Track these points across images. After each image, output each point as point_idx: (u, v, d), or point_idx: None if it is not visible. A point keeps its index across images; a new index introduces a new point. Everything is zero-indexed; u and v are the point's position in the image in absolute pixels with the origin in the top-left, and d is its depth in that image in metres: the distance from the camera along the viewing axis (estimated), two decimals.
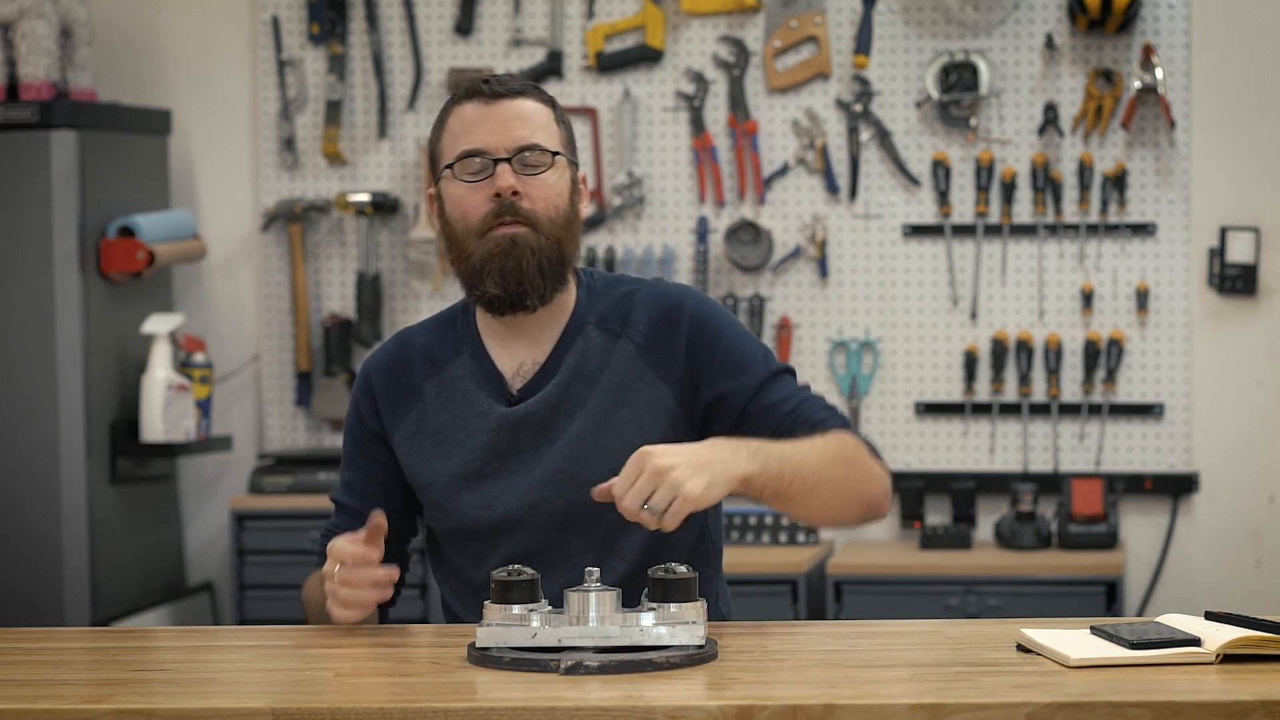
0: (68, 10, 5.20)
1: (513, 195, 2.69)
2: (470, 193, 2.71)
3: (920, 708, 2.08)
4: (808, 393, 2.74)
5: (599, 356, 2.75)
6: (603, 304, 2.78)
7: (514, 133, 2.71)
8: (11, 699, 2.20)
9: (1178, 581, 5.20)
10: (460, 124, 2.73)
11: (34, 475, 5.00)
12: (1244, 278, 5.14)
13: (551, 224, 2.71)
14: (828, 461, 2.61)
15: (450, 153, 2.73)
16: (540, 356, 2.76)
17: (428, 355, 2.80)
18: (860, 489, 2.66)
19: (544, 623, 2.34)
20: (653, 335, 2.75)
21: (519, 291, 2.70)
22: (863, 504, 2.67)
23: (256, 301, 5.53)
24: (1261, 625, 2.29)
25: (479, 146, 2.70)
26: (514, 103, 2.72)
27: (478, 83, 2.73)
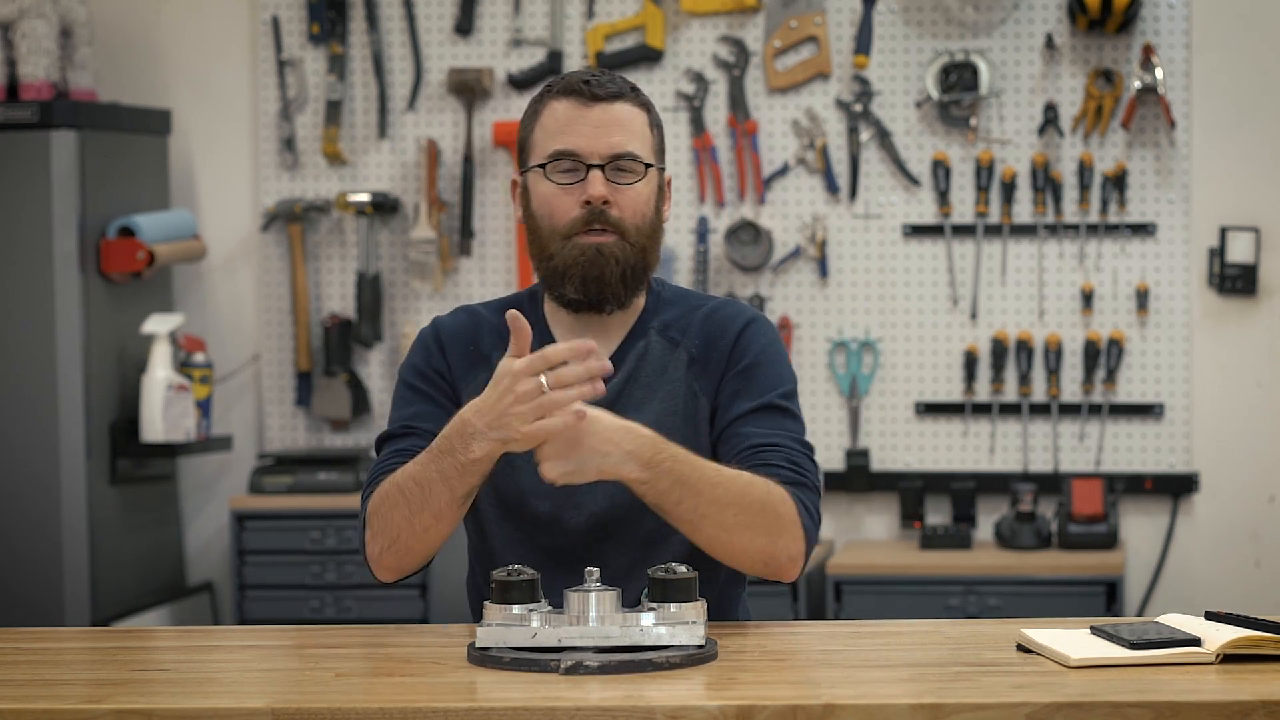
0: (68, 10, 5.20)
1: (603, 204, 2.68)
2: (559, 194, 2.70)
3: (920, 708, 2.08)
4: (789, 441, 2.69)
5: (657, 362, 2.75)
6: (668, 313, 2.79)
7: (609, 139, 2.69)
8: (11, 699, 2.20)
9: (1178, 581, 5.20)
10: (555, 121, 2.71)
11: (34, 475, 5.00)
12: (1244, 278, 5.14)
13: (638, 232, 2.71)
14: (735, 502, 2.55)
15: (542, 150, 2.72)
16: (604, 353, 2.73)
17: (497, 330, 2.77)
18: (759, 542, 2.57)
19: (544, 623, 2.34)
20: (704, 350, 2.75)
21: (599, 299, 2.71)
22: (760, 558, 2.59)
23: (256, 301, 5.53)
24: (1261, 625, 2.29)
25: (572, 149, 2.69)
26: (611, 107, 2.70)
27: (577, 81, 2.71)
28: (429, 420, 2.72)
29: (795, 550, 2.60)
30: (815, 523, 2.64)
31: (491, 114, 5.40)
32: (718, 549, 2.59)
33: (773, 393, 2.72)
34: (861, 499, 5.31)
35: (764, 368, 2.74)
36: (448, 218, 5.42)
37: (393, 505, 2.62)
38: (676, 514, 2.55)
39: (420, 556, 2.66)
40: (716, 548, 2.59)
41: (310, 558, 5.17)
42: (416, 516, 2.60)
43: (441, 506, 2.59)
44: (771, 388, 2.72)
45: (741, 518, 2.56)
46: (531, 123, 2.75)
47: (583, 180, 2.69)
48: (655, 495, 2.54)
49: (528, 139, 2.76)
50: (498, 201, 5.42)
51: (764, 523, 2.57)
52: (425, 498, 2.58)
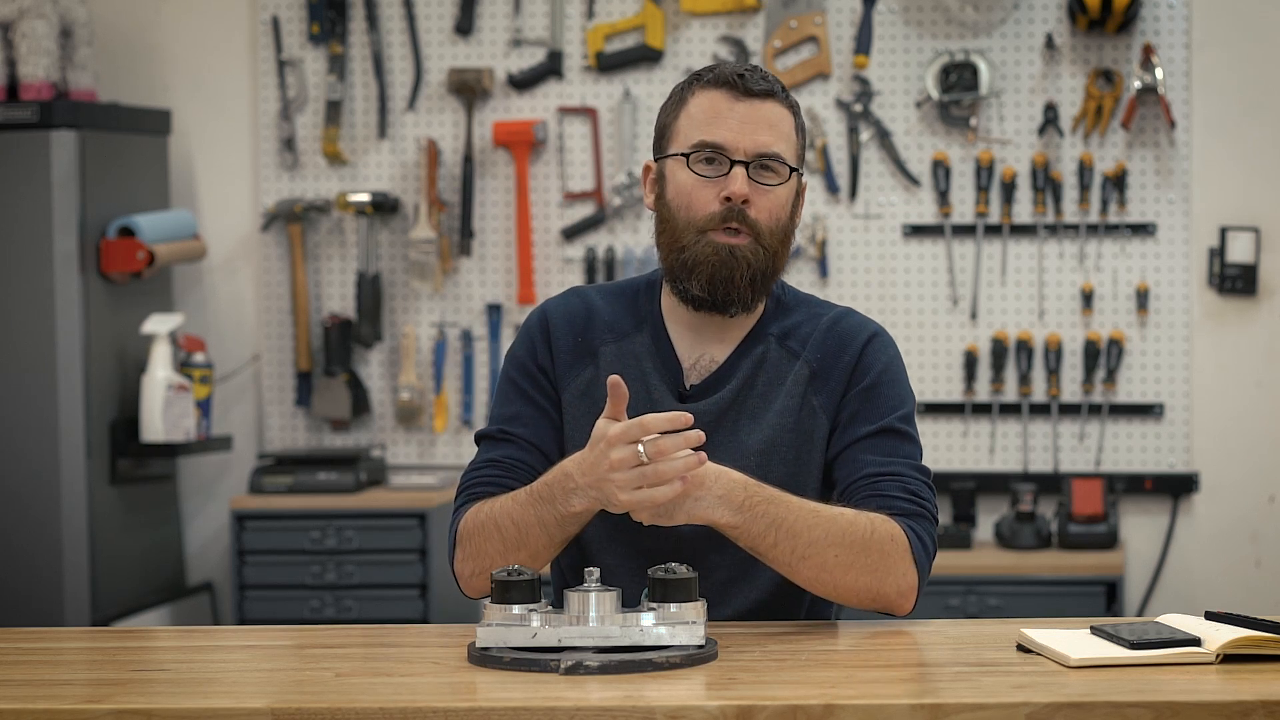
0: (68, 10, 5.20)
1: (743, 203, 2.63)
2: (699, 186, 2.65)
3: (920, 708, 2.08)
4: (906, 470, 2.66)
5: (775, 371, 2.70)
6: (788, 320, 2.74)
7: (757, 136, 2.65)
8: (11, 699, 2.20)
9: (1178, 581, 5.20)
10: (703, 111, 2.66)
11: (34, 475, 5.00)
12: (1244, 278, 5.14)
13: (772, 236, 2.66)
14: (836, 543, 2.51)
15: (685, 138, 2.67)
16: (720, 356, 2.72)
17: (610, 320, 2.74)
18: (865, 581, 2.53)
19: (544, 623, 2.34)
20: (824, 365, 2.70)
21: (725, 299, 2.66)
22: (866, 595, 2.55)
23: (256, 301, 5.53)
24: (1261, 625, 2.29)
25: (720, 142, 2.64)
26: (763, 105, 2.66)
27: (731, 73, 2.66)
28: (527, 424, 2.70)
29: (906, 585, 2.56)
30: (930, 554, 2.60)
31: (491, 114, 5.40)
32: (820, 589, 2.55)
33: (892, 415, 2.67)
34: None
35: (884, 387, 2.69)
36: (448, 218, 5.42)
37: (487, 537, 2.61)
38: (772, 556, 2.52)
39: None
40: (818, 587, 2.55)
41: (310, 558, 5.17)
42: (512, 554, 2.60)
43: (538, 549, 2.58)
44: (892, 409, 2.68)
45: (844, 557, 2.52)
46: (676, 109, 2.70)
47: (725, 175, 2.64)
48: (749, 539, 2.50)
49: (669, 125, 2.70)
50: (498, 201, 5.42)
51: (868, 562, 2.53)
52: (523, 539, 2.58)
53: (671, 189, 2.68)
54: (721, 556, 2.64)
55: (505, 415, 2.72)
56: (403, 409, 5.40)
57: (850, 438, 2.66)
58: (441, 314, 5.43)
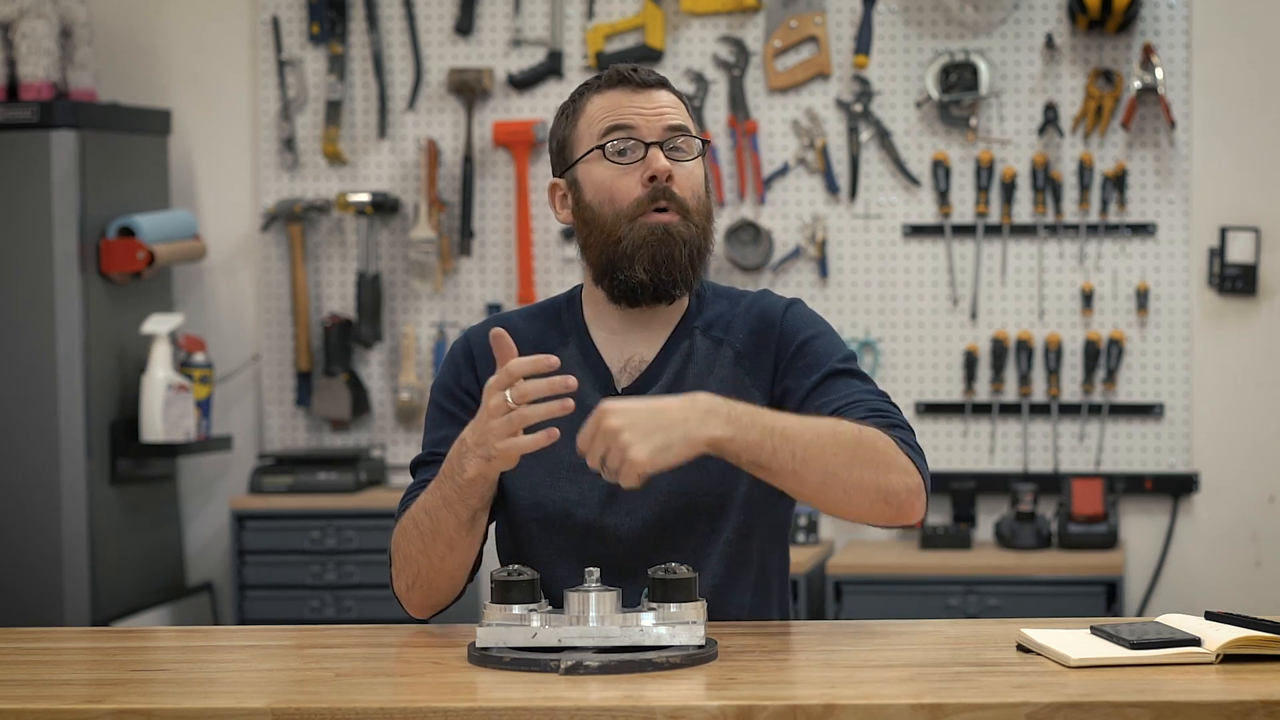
0: (68, 10, 5.20)
1: (667, 180, 2.65)
2: (620, 174, 2.66)
3: (920, 708, 2.08)
4: (864, 395, 2.64)
5: (703, 362, 2.71)
6: (710, 311, 2.75)
7: (664, 117, 2.67)
8: (11, 699, 2.20)
9: (1178, 581, 5.20)
10: (602, 110, 2.69)
11: (34, 475, 5.00)
12: (1244, 278, 5.14)
13: (698, 212, 2.68)
14: (830, 442, 2.48)
15: (589, 137, 2.69)
16: (648, 355, 2.72)
17: (533, 340, 2.72)
18: (871, 477, 2.49)
19: (544, 623, 2.34)
20: (750, 344, 2.71)
21: (668, 280, 2.66)
22: (876, 493, 2.50)
23: (256, 301, 5.53)
24: (1261, 625, 2.29)
25: (628, 123, 2.66)
26: (658, 93, 2.69)
27: (622, 70, 2.70)
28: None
29: (912, 483, 2.55)
30: (920, 455, 2.59)
31: (491, 114, 5.40)
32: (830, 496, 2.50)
33: (833, 359, 2.67)
34: None
35: (816, 340, 2.69)
36: (448, 218, 5.42)
37: (409, 539, 2.62)
38: (775, 464, 2.46)
39: (444, 591, 2.64)
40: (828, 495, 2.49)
41: (310, 558, 5.17)
42: (430, 546, 2.59)
43: (450, 533, 2.57)
44: (830, 355, 2.67)
45: (842, 455, 2.48)
46: (573, 120, 2.72)
47: (642, 159, 2.66)
48: (749, 450, 2.45)
49: (569, 136, 2.72)
50: (498, 201, 5.42)
51: (868, 456, 2.50)
52: (435, 526, 2.58)
53: (590, 190, 2.69)
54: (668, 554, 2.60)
55: (435, 439, 2.72)
56: (403, 409, 5.40)
57: (801, 392, 2.65)
58: (441, 314, 5.43)
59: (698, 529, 2.64)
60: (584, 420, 2.61)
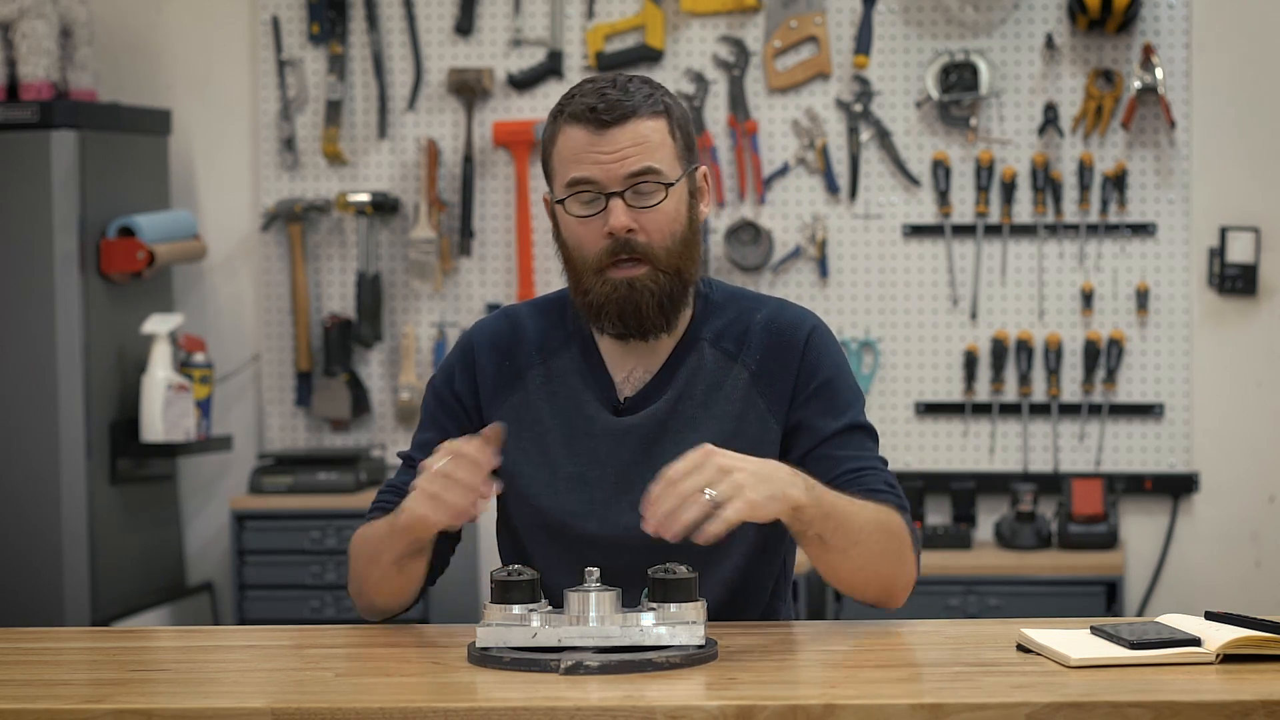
0: (68, 10, 5.20)
1: (627, 233, 2.58)
2: (583, 226, 2.60)
3: (920, 708, 2.08)
4: (877, 462, 2.64)
5: (712, 376, 2.66)
6: (720, 319, 2.69)
7: (625, 163, 2.58)
8: (11, 699, 2.20)
9: (1178, 581, 5.20)
10: (569, 149, 2.60)
11: (34, 475, 5.00)
12: (1244, 278, 5.14)
13: (669, 254, 2.61)
14: (872, 527, 2.50)
15: (560, 178, 2.62)
16: (653, 366, 2.67)
17: (538, 340, 2.71)
18: (888, 569, 2.54)
19: (544, 623, 2.34)
20: (767, 364, 2.66)
21: (639, 328, 2.62)
22: (883, 583, 2.55)
23: (256, 301, 5.53)
24: (1261, 625, 2.29)
25: (589, 176, 2.58)
26: (623, 129, 2.59)
27: (585, 109, 2.59)
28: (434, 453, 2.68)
29: (910, 576, 2.60)
30: (919, 542, 2.62)
31: (491, 114, 5.40)
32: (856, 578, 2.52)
33: (853, 409, 2.64)
34: None
35: (838, 381, 2.66)
36: (448, 218, 5.42)
37: (358, 551, 2.66)
38: (833, 541, 2.46)
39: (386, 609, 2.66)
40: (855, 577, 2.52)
41: (310, 558, 5.17)
42: (370, 569, 2.63)
43: (386, 567, 2.60)
44: (851, 404, 2.65)
45: (880, 545, 2.51)
46: (550, 146, 2.65)
47: (604, 211, 2.59)
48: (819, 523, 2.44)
49: (548, 163, 2.65)
50: (498, 201, 5.42)
51: (894, 549, 2.54)
52: (375, 554, 2.61)
53: (564, 230, 2.64)
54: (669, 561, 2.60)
55: (418, 441, 2.73)
56: (403, 409, 5.40)
57: (819, 436, 2.63)
58: (441, 314, 5.43)
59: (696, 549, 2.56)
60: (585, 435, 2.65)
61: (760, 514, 2.37)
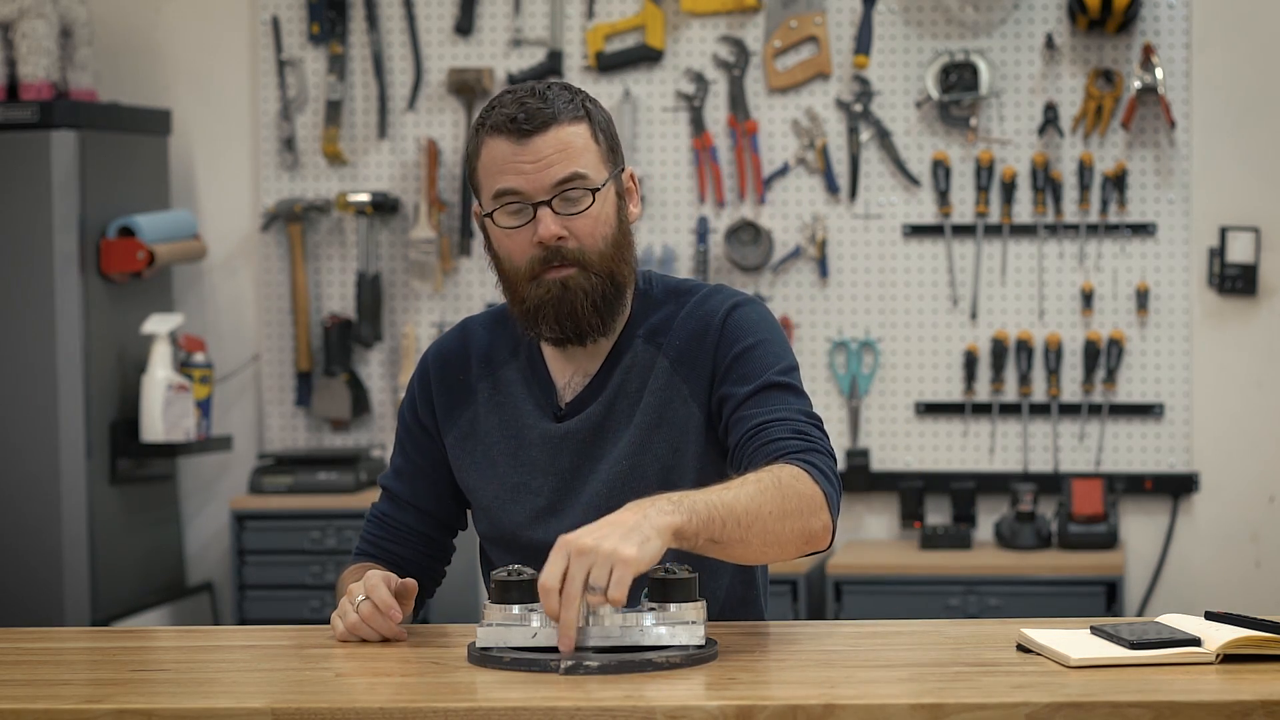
0: (68, 10, 5.20)
1: (557, 241, 2.59)
2: (512, 236, 2.60)
3: (920, 708, 2.08)
4: (790, 414, 2.58)
5: (642, 372, 2.67)
6: (656, 315, 2.70)
7: (550, 171, 2.57)
8: (11, 699, 2.20)
9: (1178, 581, 5.20)
10: (492, 162, 2.60)
11: (34, 475, 5.00)
12: (1244, 278, 5.14)
13: (601, 257, 2.61)
14: (764, 501, 2.43)
15: (486, 190, 2.62)
16: (591, 369, 2.69)
17: (485, 353, 2.74)
18: (797, 527, 2.46)
19: (544, 623, 2.34)
20: (685, 349, 2.66)
21: (576, 331, 2.63)
22: (802, 539, 2.47)
23: (256, 301, 5.53)
24: (1261, 625, 2.29)
25: (514, 187, 2.58)
26: (545, 137, 2.58)
27: (504, 119, 2.58)
28: (405, 481, 2.77)
29: (826, 520, 2.50)
30: (834, 485, 2.54)
31: None
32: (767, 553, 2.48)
33: (770, 372, 2.61)
34: (861, 499, 5.31)
35: (756, 349, 2.64)
36: (448, 218, 5.42)
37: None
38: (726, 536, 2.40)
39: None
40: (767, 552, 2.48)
41: (310, 558, 5.17)
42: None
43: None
44: (767, 367, 2.62)
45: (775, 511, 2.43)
46: (474, 160, 2.64)
47: (532, 220, 2.59)
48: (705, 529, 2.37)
49: (473, 177, 2.66)
50: None
51: (793, 506, 2.46)
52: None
53: (495, 244, 2.65)
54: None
55: (392, 468, 2.81)
56: None
57: (732, 404, 2.61)
58: (441, 314, 5.44)
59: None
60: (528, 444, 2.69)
61: (644, 562, 2.29)
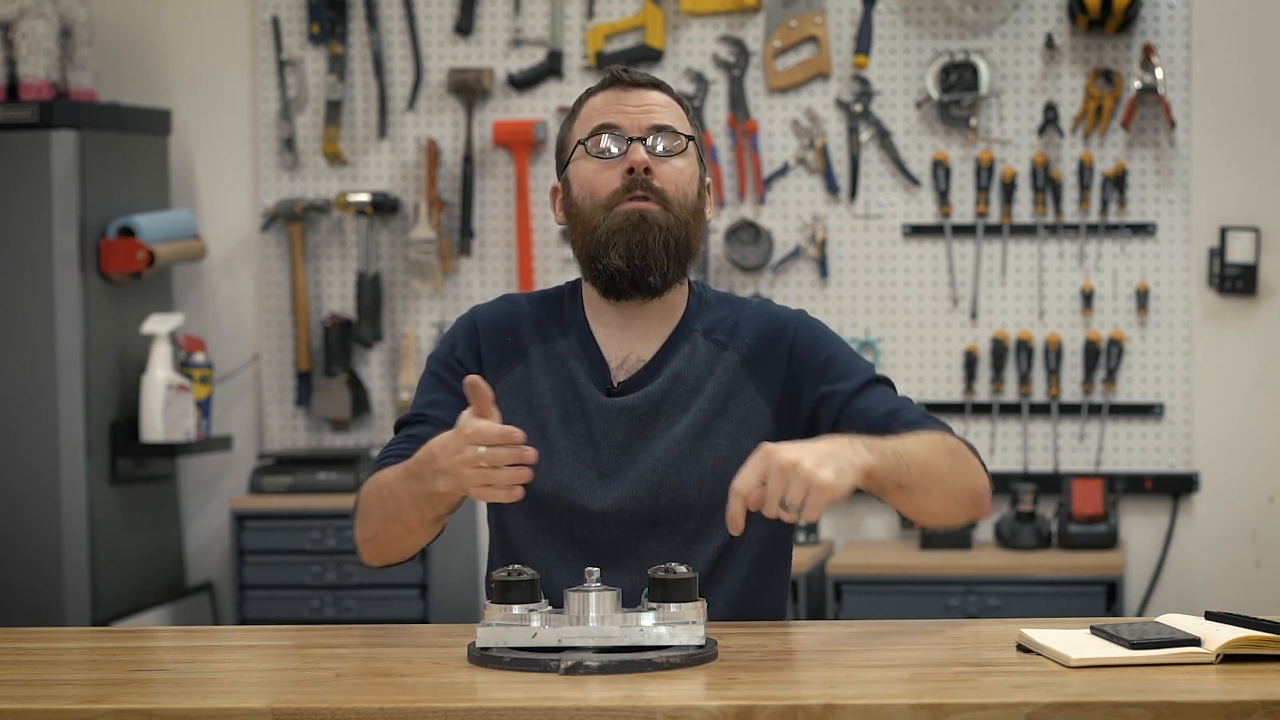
0: (68, 10, 5.20)
1: (645, 172, 2.68)
2: (601, 169, 2.70)
3: (920, 708, 2.08)
4: (905, 402, 2.71)
5: (704, 365, 2.73)
6: (711, 315, 2.77)
7: (650, 115, 2.72)
8: (11, 699, 2.21)
9: (1178, 581, 5.20)
10: (593, 109, 2.74)
11: (34, 475, 5.00)
12: (1244, 278, 5.14)
13: (680, 207, 2.70)
14: (936, 454, 2.57)
15: (582, 132, 2.74)
16: (646, 354, 2.74)
17: (537, 323, 2.78)
18: (967, 482, 2.62)
19: (544, 623, 2.34)
20: (757, 349, 2.74)
21: (643, 266, 2.68)
22: (971, 498, 2.63)
23: (256, 301, 5.53)
24: (1261, 625, 2.29)
25: (614, 122, 2.71)
26: (650, 92, 2.74)
27: (615, 70, 2.76)
28: (444, 409, 2.71)
29: (986, 482, 2.66)
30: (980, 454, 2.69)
31: (491, 114, 5.40)
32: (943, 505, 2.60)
33: (864, 369, 2.73)
34: (861, 499, 5.27)
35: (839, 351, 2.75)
36: (448, 218, 5.42)
37: (374, 505, 2.65)
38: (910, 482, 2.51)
39: (398, 555, 2.68)
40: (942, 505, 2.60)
41: (310, 558, 5.17)
42: (390, 524, 2.63)
43: (412, 524, 2.61)
44: (860, 366, 2.73)
45: (947, 465, 2.58)
46: (570, 123, 2.78)
47: (624, 154, 2.70)
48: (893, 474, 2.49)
49: (566, 137, 2.77)
50: (498, 201, 5.42)
51: (961, 464, 2.62)
52: (398, 512, 2.60)
53: (577, 186, 2.73)
54: (658, 542, 2.66)
55: (424, 402, 2.77)
56: (403, 409, 5.40)
57: (842, 398, 2.69)
58: (441, 314, 5.44)
59: (687, 522, 2.66)
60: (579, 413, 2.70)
61: (839, 491, 2.38)
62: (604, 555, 2.60)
